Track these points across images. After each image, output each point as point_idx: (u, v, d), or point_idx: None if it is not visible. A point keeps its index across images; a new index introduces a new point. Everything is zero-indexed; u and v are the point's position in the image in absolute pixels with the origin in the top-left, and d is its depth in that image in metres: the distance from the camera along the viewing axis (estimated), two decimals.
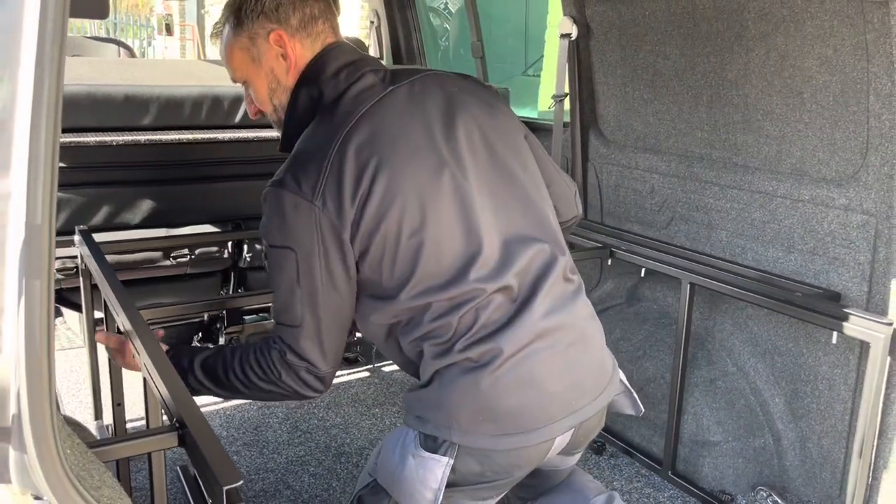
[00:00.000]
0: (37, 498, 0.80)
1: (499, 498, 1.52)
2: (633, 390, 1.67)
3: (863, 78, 1.97)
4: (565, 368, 1.44)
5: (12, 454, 0.78)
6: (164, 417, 1.39)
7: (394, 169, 1.38)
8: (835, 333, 1.95)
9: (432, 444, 1.40)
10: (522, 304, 1.42)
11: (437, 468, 1.38)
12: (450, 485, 1.40)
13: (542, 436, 1.40)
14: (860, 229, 2.04)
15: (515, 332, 1.39)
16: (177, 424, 1.21)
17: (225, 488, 1.00)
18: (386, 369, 3.31)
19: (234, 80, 1.62)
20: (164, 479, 1.47)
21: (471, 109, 1.52)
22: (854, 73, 2.00)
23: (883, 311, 1.96)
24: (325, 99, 1.49)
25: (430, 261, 1.38)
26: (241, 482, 1.01)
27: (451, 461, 1.38)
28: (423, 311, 1.40)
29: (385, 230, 1.37)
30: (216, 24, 1.62)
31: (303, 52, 1.52)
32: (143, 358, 1.45)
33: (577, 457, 1.67)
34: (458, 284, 1.38)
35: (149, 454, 1.41)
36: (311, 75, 1.51)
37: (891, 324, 1.83)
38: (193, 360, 1.51)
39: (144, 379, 1.49)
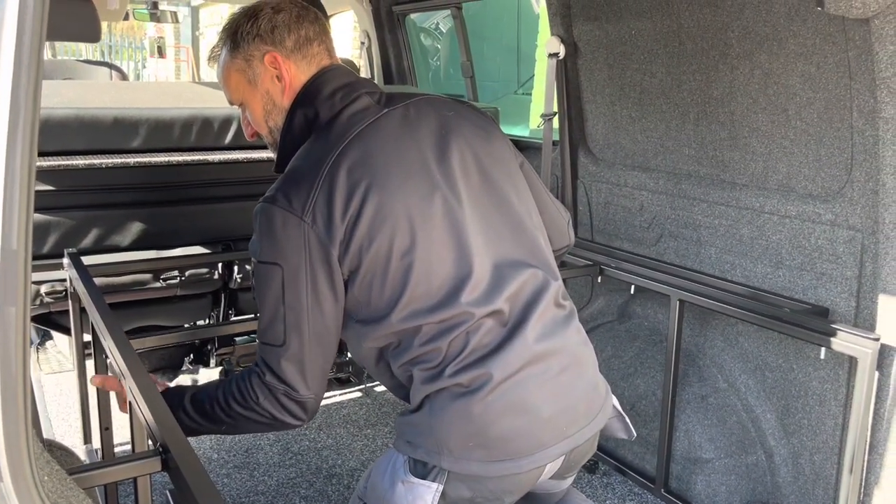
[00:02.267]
0: None
1: None
2: (625, 414, 1.66)
3: (846, 95, 1.99)
4: (557, 394, 1.42)
5: None
6: (150, 442, 1.38)
7: (385, 190, 1.38)
8: (823, 349, 1.96)
9: (422, 470, 1.39)
10: (513, 328, 1.41)
11: (427, 494, 1.37)
12: None
13: (534, 462, 1.39)
14: (847, 244, 2.05)
15: (506, 357, 1.38)
16: (160, 449, 1.20)
17: None
18: (378, 389, 3.30)
19: (231, 103, 1.63)
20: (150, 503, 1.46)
21: (465, 134, 1.52)
22: (837, 90, 2.01)
23: (871, 327, 1.96)
24: (321, 119, 1.50)
25: (420, 282, 1.38)
26: None
27: (441, 487, 1.37)
28: (413, 333, 1.39)
29: (375, 250, 1.36)
30: (213, 47, 1.64)
31: (298, 73, 1.53)
32: (128, 382, 1.45)
33: (570, 480, 1.66)
34: (449, 307, 1.37)
35: (134, 479, 1.39)
36: (307, 96, 1.52)
37: (878, 339, 1.84)
38: (185, 396, 1.49)
39: (130, 403, 1.48)
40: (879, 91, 1.84)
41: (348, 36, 9.22)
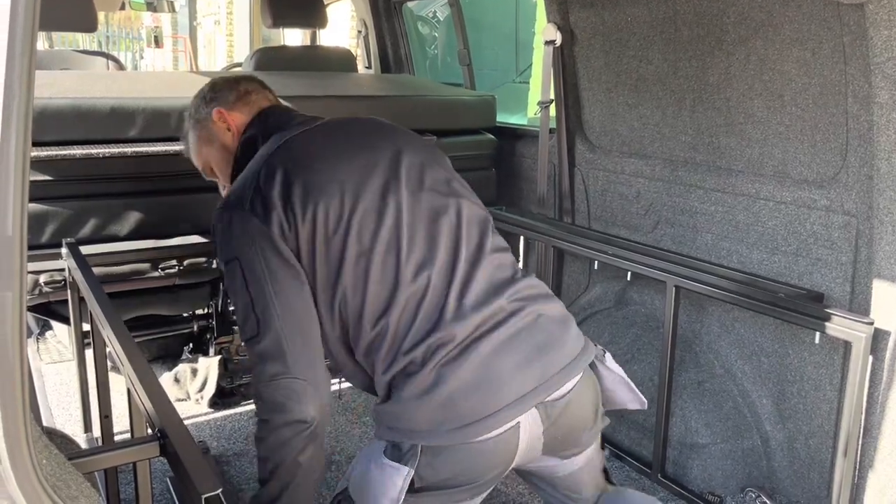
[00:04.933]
0: None
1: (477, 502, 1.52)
2: (630, 382, 1.66)
3: (841, 80, 1.99)
4: (513, 348, 1.44)
5: None
6: (149, 429, 1.39)
7: (311, 171, 1.53)
8: (817, 334, 1.97)
9: (396, 453, 1.42)
10: (454, 290, 1.47)
11: (397, 476, 1.40)
12: (418, 490, 1.41)
13: (504, 418, 1.39)
14: (842, 230, 2.05)
15: (454, 320, 1.44)
16: (158, 434, 1.21)
17: (204, 496, 1.00)
18: None
19: (205, 175, 1.91)
20: (149, 489, 1.47)
21: (396, 130, 1.71)
22: (832, 76, 2.02)
23: (865, 311, 1.97)
24: (262, 139, 1.71)
25: (354, 245, 1.48)
26: (220, 490, 1.01)
27: (412, 470, 1.39)
28: (360, 307, 1.47)
29: (311, 220, 1.48)
30: (182, 137, 1.95)
31: (241, 118, 1.79)
32: (126, 370, 1.46)
33: (576, 460, 1.60)
34: (386, 270, 1.47)
35: (134, 464, 1.41)
36: (253, 122, 1.77)
37: (872, 323, 1.85)
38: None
39: (128, 390, 1.49)
40: (874, 76, 1.84)
41: (345, 25, 9.18)
